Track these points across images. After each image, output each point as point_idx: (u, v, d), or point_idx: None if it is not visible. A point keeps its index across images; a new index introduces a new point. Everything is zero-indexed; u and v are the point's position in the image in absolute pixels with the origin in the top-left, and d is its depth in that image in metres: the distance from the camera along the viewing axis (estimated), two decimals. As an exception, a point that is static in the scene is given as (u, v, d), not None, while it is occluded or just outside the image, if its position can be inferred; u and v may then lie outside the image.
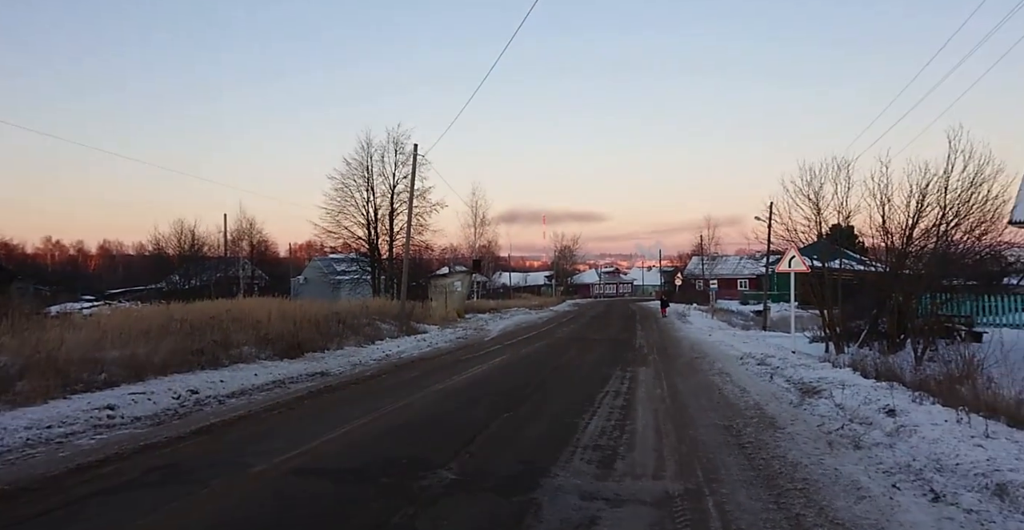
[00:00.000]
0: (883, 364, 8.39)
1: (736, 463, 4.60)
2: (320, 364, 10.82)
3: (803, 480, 4.10)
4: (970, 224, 12.61)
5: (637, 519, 3.54)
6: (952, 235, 12.72)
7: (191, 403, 7.23)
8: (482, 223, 48.66)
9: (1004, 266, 18.38)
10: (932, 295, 13.37)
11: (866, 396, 6.26)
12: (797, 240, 15.28)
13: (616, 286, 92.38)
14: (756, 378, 9.05)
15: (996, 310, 17.17)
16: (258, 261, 48.57)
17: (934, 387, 6.65)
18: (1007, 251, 16.75)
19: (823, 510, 3.51)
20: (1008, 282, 19.62)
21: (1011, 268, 19.21)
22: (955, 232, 12.71)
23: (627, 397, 7.78)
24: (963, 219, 12.55)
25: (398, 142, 29.42)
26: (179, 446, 5.36)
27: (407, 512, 3.70)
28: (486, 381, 9.45)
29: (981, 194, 12.34)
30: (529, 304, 42.09)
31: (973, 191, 12.34)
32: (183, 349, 9.43)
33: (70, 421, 5.95)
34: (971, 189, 12.34)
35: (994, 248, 14.21)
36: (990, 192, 12.39)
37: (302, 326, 13.09)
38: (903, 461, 4.17)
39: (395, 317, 18.86)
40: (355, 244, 30.77)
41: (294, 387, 8.65)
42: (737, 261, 62.62)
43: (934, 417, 5.02)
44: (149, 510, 3.73)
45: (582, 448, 5.21)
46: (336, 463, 4.82)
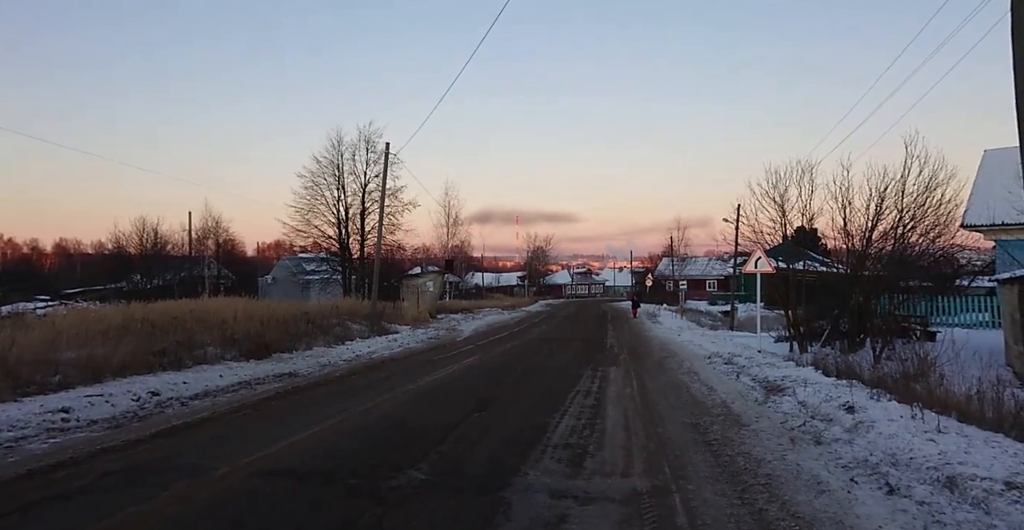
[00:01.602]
0: (843, 363, 8.66)
1: (703, 460, 4.69)
2: (288, 365, 10.63)
3: (766, 475, 4.20)
4: (925, 227, 13.12)
5: (605, 516, 3.58)
6: (909, 237, 13.21)
7: (152, 405, 7.02)
8: (455, 223, 48.66)
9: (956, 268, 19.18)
10: (890, 296, 13.83)
11: (827, 393, 6.45)
12: (763, 242, 15.68)
13: (588, 287, 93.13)
14: (723, 377, 9.23)
15: (948, 310, 17.92)
16: (224, 260, 47.41)
17: (891, 384, 6.89)
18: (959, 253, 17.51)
19: (785, 504, 3.61)
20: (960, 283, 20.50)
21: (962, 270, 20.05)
22: (911, 235, 13.20)
23: (597, 396, 7.85)
24: (919, 222, 13.05)
25: (369, 140, 29.12)
26: (138, 449, 5.21)
27: (375, 512, 3.67)
28: (457, 382, 9.42)
29: (936, 198, 12.86)
30: (502, 304, 42.11)
31: (928, 195, 12.85)
32: (144, 350, 9.15)
33: (21, 425, 5.71)
34: (926, 193, 12.84)
35: (947, 251, 14.82)
36: (944, 196, 12.93)
37: (270, 326, 12.86)
38: (861, 456, 4.31)
39: (366, 317, 18.65)
40: (325, 243, 30.34)
41: (261, 388, 8.48)
42: (706, 262, 63.83)
43: (890, 413, 5.20)
44: (105, 515, 3.61)
45: (552, 447, 5.23)
46: (303, 465, 4.74)
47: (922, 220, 12.98)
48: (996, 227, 16.45)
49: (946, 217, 13.28)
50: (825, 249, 20.15)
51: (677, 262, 61.58)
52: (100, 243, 51.61)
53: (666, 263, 64.57)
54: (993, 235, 17.31)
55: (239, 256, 55.38)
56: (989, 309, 17.52)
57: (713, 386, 8.33)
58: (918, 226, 12.98)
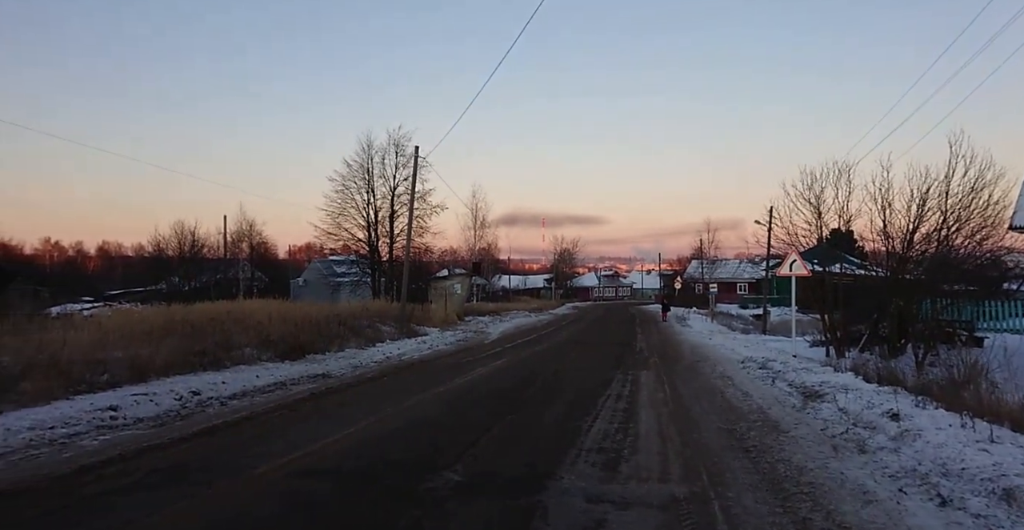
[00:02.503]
0: (885, 368, 8.40)
1: (741, 466, 4.60)
2: (321, 366, 10.81)
3: (809, 484, 4.09)
4: (971, 229, 12.64)
5: (644, 522, 3.54)
6: (953, 240, 12.75)
7: (193, 404, 7.22)
8: (482, 225, 48.85)
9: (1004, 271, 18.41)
10: (933, 300, 13.38)
11: (869, 400, 6.26)
12: (798, 244, 15.32)
13: (615, 289, 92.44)
14: (758, 382, 9.04)
15: (996, 315, 17.19)
16: (258, 263, 48.47)
17: (936, 392, 6.65)
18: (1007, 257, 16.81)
19: (830, 514, 3.50)
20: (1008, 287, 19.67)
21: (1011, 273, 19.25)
22: (956, 237, 12.73)
23: (629, 400, 7.78)
24: (964, 224, 12.59)
25: (399, 144, 29.48)
26: (182, 447, 5.35)
27: (413, 514, 3.69)
28: (488, 384, 9.44)
29: (982, 199, 12.37)
30: (528, 307, 42.07)
31: (974, 196, 12.38)
32: (185, 350, 9.42)
33: (73, 422, 5.93)
34: (972, 194, 12.38)
35: (994, 253, 14.25)
36: (991, 197, 12.43)
37: (303, 328, 13.09)
38: (909, 465, 4.17)
39: (395, 319, 18.85)
40: (355, 246, 30.79)
41: (296, 389, 8.64)
42: (736, 265, 62.68)
43: (938, 422, 5.03)
44: (153, 511, 3.72)
45: (586, 451, 5.20)
46: (340, 465, 4.81)
47: (968, 222, 12.53)
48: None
49: (994, 218, 12.78)
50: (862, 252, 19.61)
51: (706, 265, 60.64)
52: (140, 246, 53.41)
53: (695, 266, 63.62)
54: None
55: (271, 258, 56.60)
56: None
57: (748, 391, 8.17)
58: (963, 228, 12.53)
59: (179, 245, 42.71)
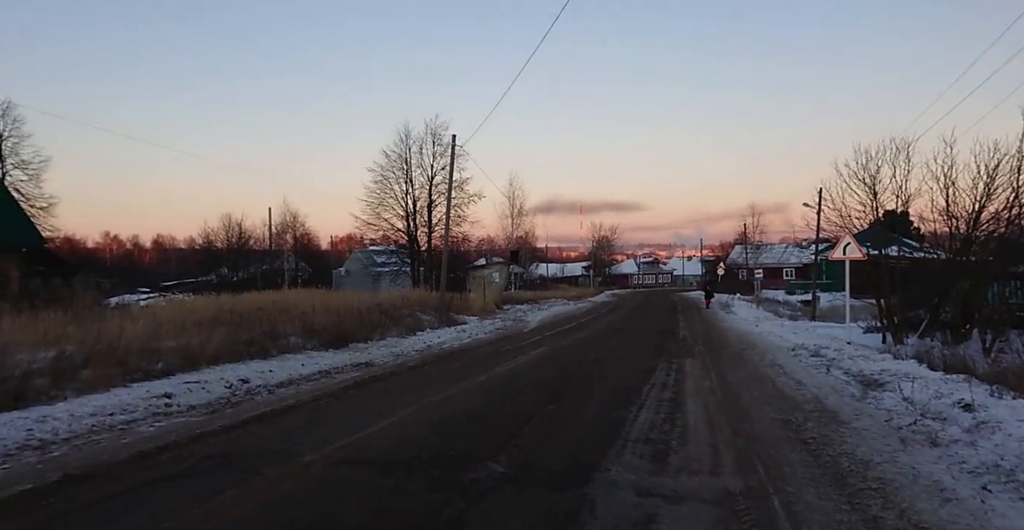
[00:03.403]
0: (952, 355, 7.91)
1: (799, 460, 4.36)
2: (364, 354, 10.94)
3: (877, 479, 3.83)
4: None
5: (697, 517, 3.38)
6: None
7: (242, 392, 7.38)
8: (519, 213, 48.64)
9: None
10: (1002, 283, 12.56)
11: (936, 389, 5.88)
12: (851, 226, 14.60)
13: (655, 276, 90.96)
14: (811, 370, 8.66)
15: (1071, 299, 16.03)
16: (301, 254, 49.75)
17: (1013, 381, 6.21)
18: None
19: (904, 512, 3.26)
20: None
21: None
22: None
23: (675, 389, 7.57)
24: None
25: (436, 134, 29.55)
26: (233, 435, 5.46)
27: (458, 505, 3.64)
28: (528, 372, 9.36)
29: (1059, 174, 11.49)
30: (567, 295, 41.80)
31: (1050, 171, 11.50)
32: (233, 339, 9.66)
33: (131, 409, 6.14)
34: (1048, 169, 11.50)
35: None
36: (1070, 172, 11.53)
37: (345, 317, 13.29)
38: (989, 460, 3.85)
39: (435, 308, 18.97)
40: (394, 236, 31.20)
41: (340, 377, 8.75)
42: (782, 249, 60.64)
43: (1019, 413, 4.66)
44: (207, 497, 3.78)
45: (632, 441, 5.06)
46: (384, 454, 4.81)
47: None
48: None
49: (1072, 195, 11.87)
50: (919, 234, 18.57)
51: (751, 250, 58.92)
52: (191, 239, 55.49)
53: (739, 251, 61.89)
54: None
55: (314, 249, 57.98)
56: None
57: (801, 380, 7.83)
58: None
59: (227, 237, 44.29)
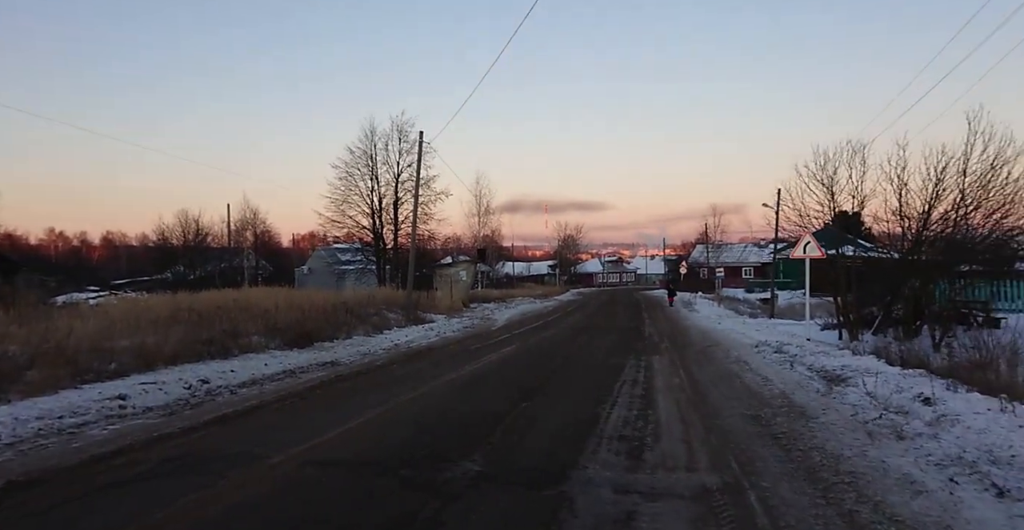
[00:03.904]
0: (908, 351, 8.21)
1: (772, 455, 4.42)
2: (330, 353, 10.69)
3: (849, 473, 3.91)
4: (990, 207, 12.36)
5: (677, 514, 3.38)
6: (971, 219, 12.49)
7: (202, 393, 7.11)
8: (486, 212, 48.55)
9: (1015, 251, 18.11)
10: (949, 281, 13.13)
11: (896, 384, 6.08)
12: (810, 226, 15.05)
13: (619, 275, 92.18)
14: (776, 366, 8.86)
15: (1012, 296, 16.94)
16: (262, 251, 48.48)
17: (964, 375, 6.47)
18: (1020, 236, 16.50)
19: (878, 506, 3.33)
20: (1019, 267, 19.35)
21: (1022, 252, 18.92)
22: (974, 216, 12.47)
23: (645, 386, 7.62)
24: (982, 202, 12.31)
25: (402, 130, 29.13)
26: (193, 437, 5.23)
27: (433, 506, 3.55)
28: (499, 371, 9.30)
29: (1001, 177, 12.06)
30: (533, 293, 41.94)
31: (993, 174, 12.06)
32: (192, 338, 9.30)
33: (82, 411, 5.83)
34: (991, 172, 12.06)
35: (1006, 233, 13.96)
36: (1011, 174, 12.14)
37: (310, 315, 12.97)
38: (953, 453, 3.98)
39: (402, 306, 18.72)
40: (359, 233, 30.61)
41: (305, 377, 8.52)
42: (741, 249, 62.31)
43: (974, 406, 4.85)
44: (167, 502, 3.60)
45: (607, 439, 5.05)
46: (355, 454, 4.68)
47: (986, 200, 12.25)
48: (1065, 207, 15.43)
49: (1014, 196, 12.50)
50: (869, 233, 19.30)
51: (712, 249, 60.28)
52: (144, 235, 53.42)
53: (700, 250, 63.25)
54: (1062, 215, 16.26)
55: (275, 247, 56.61)
56: (1059, 295, 16.47)
57: (767, 376, 7.99)
58: (982, 206, 12.26)
59: (183, 234, 42.70)
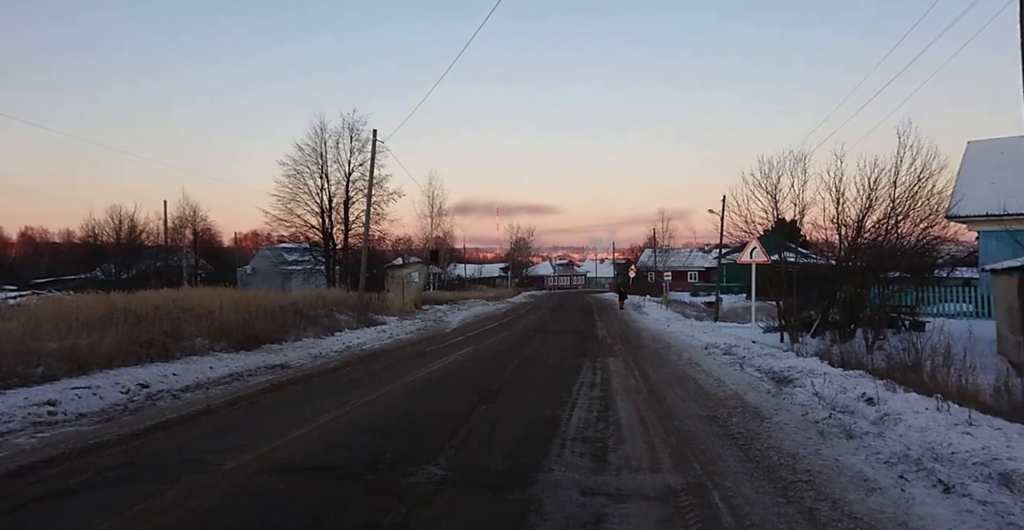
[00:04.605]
0: (849, 353, 8.63)
1: (732, 455, 4.54)
2: (279, 356, 10.32)
3: (806, 472, 4.05)
4: (916, 217, 13.21)
5: (645, 515, 3.41)
6: (901, 228, 13.30)
7: (142, 398, 6.71)
8: (439, 213, 48.17)
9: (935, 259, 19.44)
10: (881, 286, 13.93)
11: (840, 385, 6.38)
12: (755, 232, 15.67)
13: (570, 278, 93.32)
14: (727, 368, 9.15)
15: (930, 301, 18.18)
16: (201, 250, 46.34)
17: (899, 376, 6.85)
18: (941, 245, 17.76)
19: (836, 504, 3.46)
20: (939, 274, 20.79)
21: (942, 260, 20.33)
22: (904, 225, 13.28)
23: (603, 388, 7.71)
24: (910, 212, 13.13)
25: (354, 128, 28.57)
26: (135, 444, 4.93)
27: (400, 511, 3.46)
28: (456, 373, 9.21)
29: (927, 189, 12.93)
30: (485, 296, 41.89)
31: (920, 185, 12.90)
32: (130, 340, 8.78)
33: (5, 418, 5.39)
34: (918, 184, 12.89)
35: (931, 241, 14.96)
36: (934, 187, 13.03)
37: (257, 317, 12.49)
38: (899, 450, 4.19)
39: (353, 308, 18.30)
40: (308, 233, 29.76)
41: (254, 380, 8.19)
42: (688, 254, 64.31)
43: (913, 405, 5.13)
44: (110, 513, 3.36)
45: (570, 441, 5.07)
46: (314, 459, 4.52)
47: (913, 210, 13.08)
48: (979, 218, 16.71)
49: (937, 207, 13.42)
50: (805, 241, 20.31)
51: (660, 253, 61.89)
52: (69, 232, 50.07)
53: (648, 254, 64.87)
54: (977, 225, 17.59)
55: (216, 246, 54.17)
56: (972, 300, 17.81)
57: (720, 377, 8.24)
58: (910, 216, 13.07)
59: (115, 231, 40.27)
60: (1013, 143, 17.29)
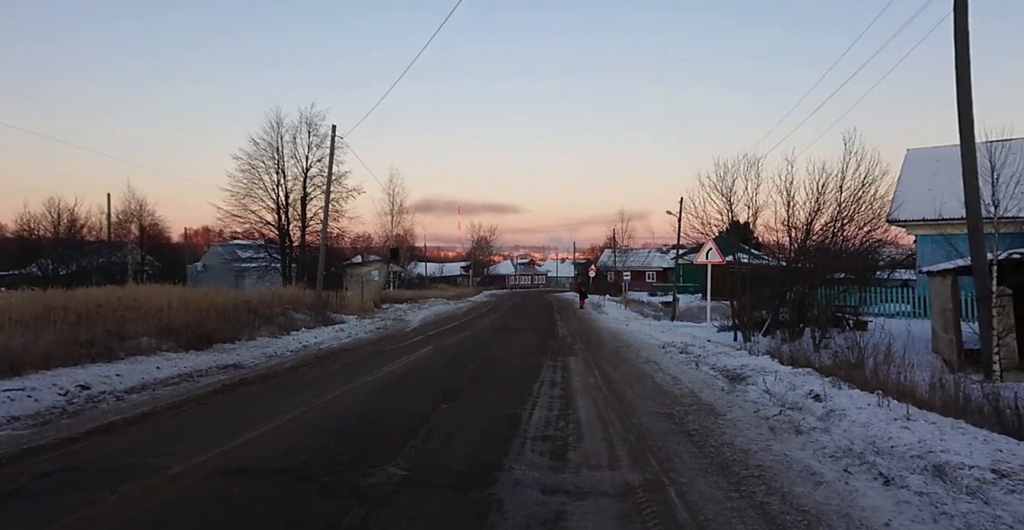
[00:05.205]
0: (797, 351, 8.96)
1: (687, 451, 4.64)
2: (232, 356, 9.99)
3: (757, 467, 4.18)
4: (860, 221, 13.85)
5: (604, 512, 3.45)
6: (847, 231, 13.90)
7: (82, 400, 6.40)
8: (400, 211, 47.55)
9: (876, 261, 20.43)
10: (828, 287, 14.53)
11: (790, 382, 6.61)
12: (711, 233, 16.10)
13: (531, 277, 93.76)
14: (683, 366, 9.36)
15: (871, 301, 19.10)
16: (148, 246, 44.36)
17: (844, 373, 7.16)
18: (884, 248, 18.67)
19: (785, 497, 3.57)
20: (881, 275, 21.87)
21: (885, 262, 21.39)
22: (849, 228, 13.90)
23: (563, 387, 7.77)
24: (855, 216, 13.75)
25: (312, 123, 27.89)
26: (73, 448, 4.69)
27: (358, 513, 3.41)
28: (416, 372, 9.12)
29: (870, 193, 13.57)
30: (446, 294, 41.66)
31: (863, 190, 13.53)
32: (69, 340, 8.34)
33: (-75, 424, 5.03)
34: (862, 188, 13.52)
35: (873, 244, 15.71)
36: (877, 191, 13.69)
37: (209, 315, 12.07)
38: (843, 445, 4.38)
39: (310, 307, 17.90)
40: (263, 229, 28.89)
41: (204, 380, 7.91)
42: (646, 254, 65.55)
43: (856, 401, 5.37)
44: (45, 522, 3.19)
45: (531, 439, 5.09)
46: (269, 462, 4.39)
47: (858, 214, 13.69)
48: (917, 222, 17.65)
49: (880, 211, 14.10)
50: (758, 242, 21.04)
51: (619, 253, 62.84)
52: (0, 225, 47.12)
53: (608, 254, 65.78)
54: (915, 229, 18.57)
55: (164, 241, 51.95)
56: (910, 300, 18.77)
57: (676, 375, 8.42)
58: (855, 219, 13.68)
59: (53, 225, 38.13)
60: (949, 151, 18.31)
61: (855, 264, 15.51)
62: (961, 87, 8.64)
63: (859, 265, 16.08)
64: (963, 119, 8.63)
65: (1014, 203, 8.54)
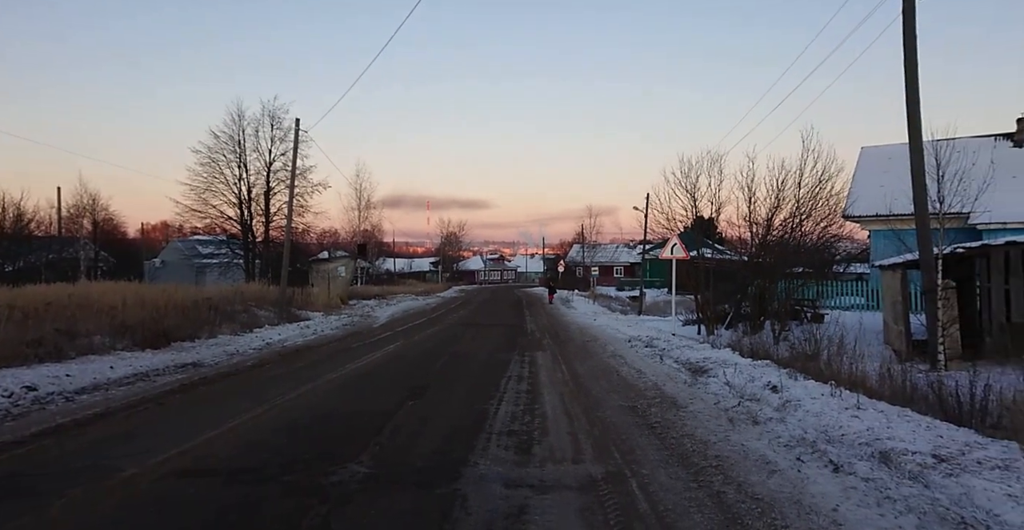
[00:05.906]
0: (757, 344, 9.21)
1: (649, 444, 4.73)
2: (191, 354, 9.73)
3: (716, 457, 4.29)
4: (818, 217, 14.30)
5: (566, 505, 3.49)
6: (804, 227, 14.33)
7: (28, 401, 6.14)
8: (367, 206, 46.98)
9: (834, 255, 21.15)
10: (787, 281, 14.96)
11: (749, 374, 6.80)
12: (676, 229, 16.39)
13: (501, 273, 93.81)
14: (648, 360, 9.52)
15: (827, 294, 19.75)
16: (102, 242, 42.71)
17: (800, 364, 7.40)
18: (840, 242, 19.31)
19: (741, 486, 3.68)
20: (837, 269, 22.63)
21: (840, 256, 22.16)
22: (807, 224, 14.33)
23: (530, 382, 7.82)
24: (812, 212, 14.19)
25: (275, 116, 27.34)
26: (17, 452, 4.51)
27: (319, 511, 3.37)
28: (382, 369, 9.04)
29: (827, 190, 14.02)
30: (415, 290, 41.33)
31: (820, 187, 13.96)
32: (15, 339, 8.01)
33: None
34: (819, 185, 13.95)
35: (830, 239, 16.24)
36: (833, 188, 14.15)
37: (167, 313, 11.71)
38: (797, 434, 4.53)
39: (274, 303, 17.56)
40: (225, 225, 28.17)
41: (161, 380, 7.68)
42: (614, 249, 66.27)
43: (811, 392, 5.56)
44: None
45: (496, 434, 5.11)
46: (227, 462, 4.30)
47: (815, 210, 14.13)
48: (870, 218, 18.31)
49: (835, 208, 14.59)
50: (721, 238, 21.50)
51: (588, 249, 63.37)
52: (-60, 220, 44.62)
53: (577, 250, 66.27)
54: (868, 225, 19.27)
55: (119, 237, 50.07)
56: (863, 293, 19.47)
57: (641, 369, 8.56)
58: (812, 215, 14.12)
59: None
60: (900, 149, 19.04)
61: (813, 259, 16.02)
62: (909, 87, 8.99)
63: (817, 259, 16.61)
64: (911, 118, 8.98)
65: (957, 199, 8.92)
